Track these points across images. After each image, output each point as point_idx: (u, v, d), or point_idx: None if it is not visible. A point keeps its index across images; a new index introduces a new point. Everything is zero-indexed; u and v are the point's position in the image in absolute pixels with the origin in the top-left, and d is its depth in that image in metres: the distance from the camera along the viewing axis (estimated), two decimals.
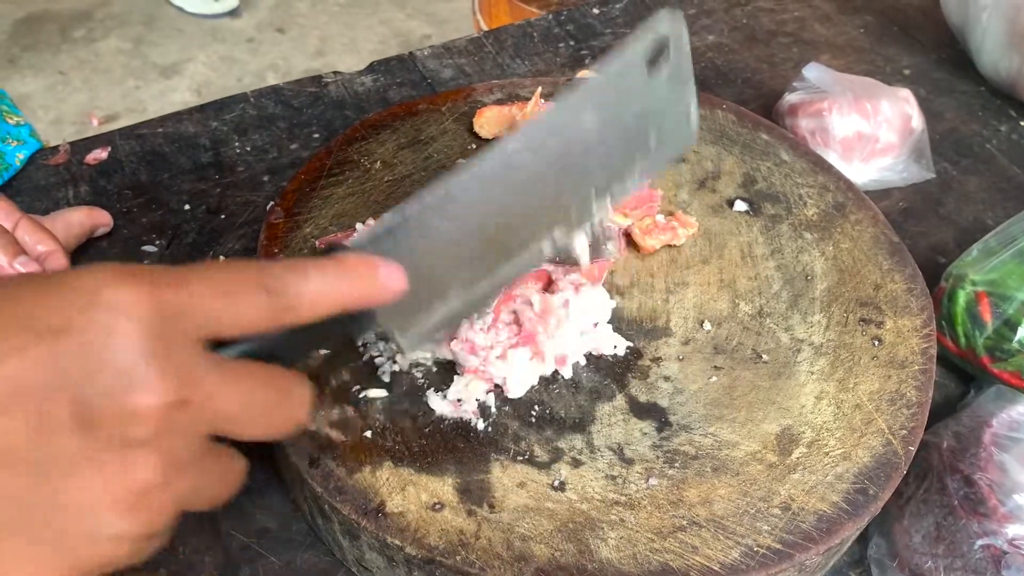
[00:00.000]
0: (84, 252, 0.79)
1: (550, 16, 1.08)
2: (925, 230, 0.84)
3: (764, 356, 0.62)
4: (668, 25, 0.49)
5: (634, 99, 0.50)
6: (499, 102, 0.81)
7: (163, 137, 0.90)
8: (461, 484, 0.55)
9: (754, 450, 0.57)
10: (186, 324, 0.35)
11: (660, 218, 0.70)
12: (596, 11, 1.08)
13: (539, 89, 0.75)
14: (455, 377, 0.59)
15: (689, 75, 0.53)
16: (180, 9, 2.52)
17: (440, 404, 0.58)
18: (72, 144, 0.89)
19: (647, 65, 0.50)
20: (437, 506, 0.54)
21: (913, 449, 0.57)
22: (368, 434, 0.57)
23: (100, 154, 0.88)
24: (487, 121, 0.76)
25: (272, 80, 2.46)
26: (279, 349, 0.41)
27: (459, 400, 0.58)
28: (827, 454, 0.57)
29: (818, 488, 0.55)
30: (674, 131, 0.54)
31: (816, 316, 0.65)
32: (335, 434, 0.57)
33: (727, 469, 0.56)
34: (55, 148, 0.89)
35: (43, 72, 2.30)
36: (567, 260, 0.63)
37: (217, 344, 0.39)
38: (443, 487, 0.55)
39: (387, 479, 0.55)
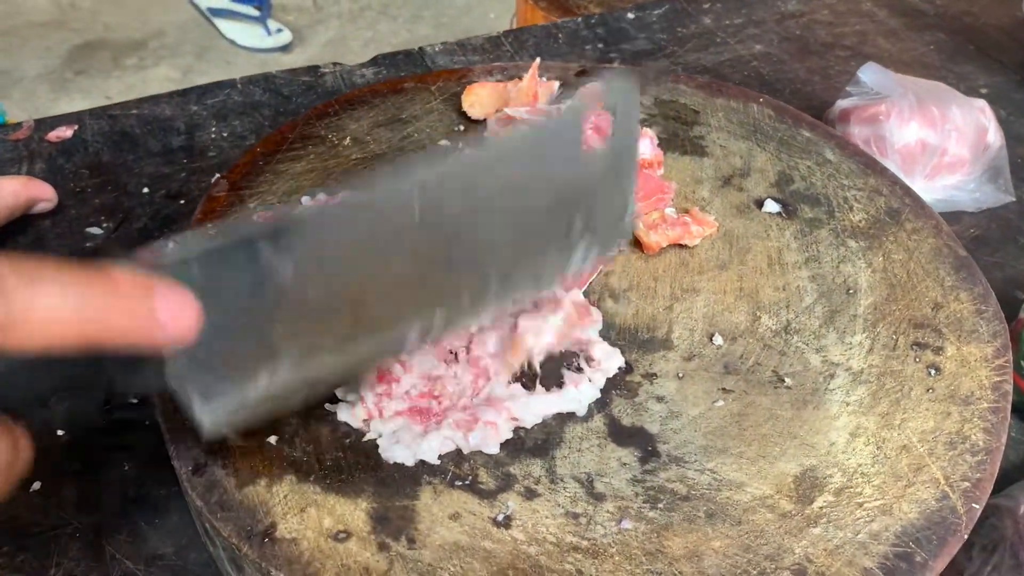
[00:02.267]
0: (22, 231, 0.70)
1: (579, 20, 0.98)
2: (1001, 261, 0.70)
3: (787, 380, 0.49)
4: (618, 91, 0.39)
5: (562, 172, 0.39)
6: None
7: (136, 119, 0.82)
8: (378, 510, 0.43)
9: (764, 494, 0.43)
10: None
11: (671, 212, 0.58)
12: (631, 16, 0.98)
13: (537, 60, 0.64)
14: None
15: (633, 157, 0.42)
16: (232, 42, 2.51)
17: (347, 414, 0.46)
18: (37, 121, 0.81)
19: (582, 135, 0.38)
20: (341, 535, 0.41)
21: (978, 508, 0.43)
22: (272, 440, 0.46)
23: (64, 132, 0.79)
24: (478, 99, 0.66)
25: None
26: (9, 376, 0.30)
27: (366, 420, 0.46)
28: (861, 505, 0.43)
29: (845, 548, 0.41)
30: (605, 224, 0.43)
31: (857, 336, 0.51)
32: (231, 435, 0.46)
33: (726, 516, 0.43)
34: (18, 124, 0.81)
35: (91, 96, 2.29)
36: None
37: None
38: (354, 512, 0.42)
39: (285, 496, 0.43)
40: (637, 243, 0.57)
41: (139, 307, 0.31)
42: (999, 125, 0.75)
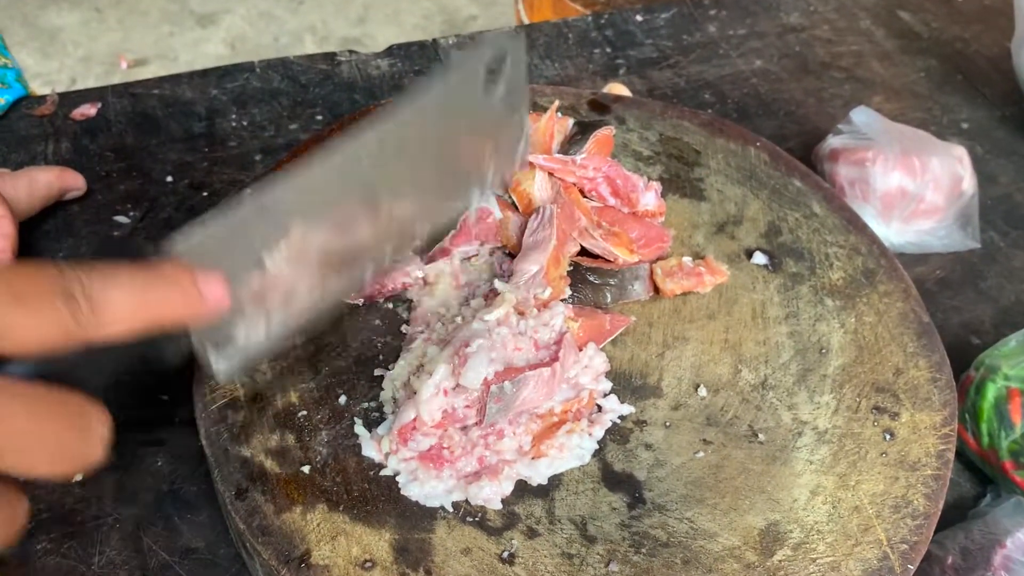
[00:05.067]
0: (52, 216, 0.73)
1: (589, 18, 1.01)
2: (960, 305, 0.76)
3: (760, 435, 0.56)
4: (509, 43, 0.49)
5: (472, 113, 0.50)
6: None
7: (158, 99, 0.84)
8: (399, 541, 0.49)
9: (733, 545, 0.50)
10: None
11: (687, 260, 0.63)
12: (639, 18, 1.01)
13: (556, 103, 0.68)
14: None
15: (524, 94, 0.52)
16: None
17: (371, 448, 0.52)
18: (61, 96, 0.84)
19: (484, 80, 0.49)
20: (368, 564, 0.48)
21: (912, 568, 0.50)
22: (306, 469, 0.51)
23: (88, 110, 0.82)
24: None
25: (309, 42, 2.40)
26: (75, 371, 0.35)
27: (387, 453, 0.52)
28: (814, 560, 0.50)
29: None
30: (506, 148, 0.54)
31: (825, 396, 0.58)
32: (270, 464, 0.52)
33: (699, 563, 0.50)
34: (42, 98, 0.83)
35: (80, 6, 2.25)
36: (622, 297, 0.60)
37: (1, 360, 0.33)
38: (378, 542, 0.49)
39: (318, 524, 0.49)
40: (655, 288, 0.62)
41: (188, 292, 0.37)
42: (974, 169, 0.80)
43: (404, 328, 0.59)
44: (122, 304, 0.34)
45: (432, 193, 0.51)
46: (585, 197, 0.65)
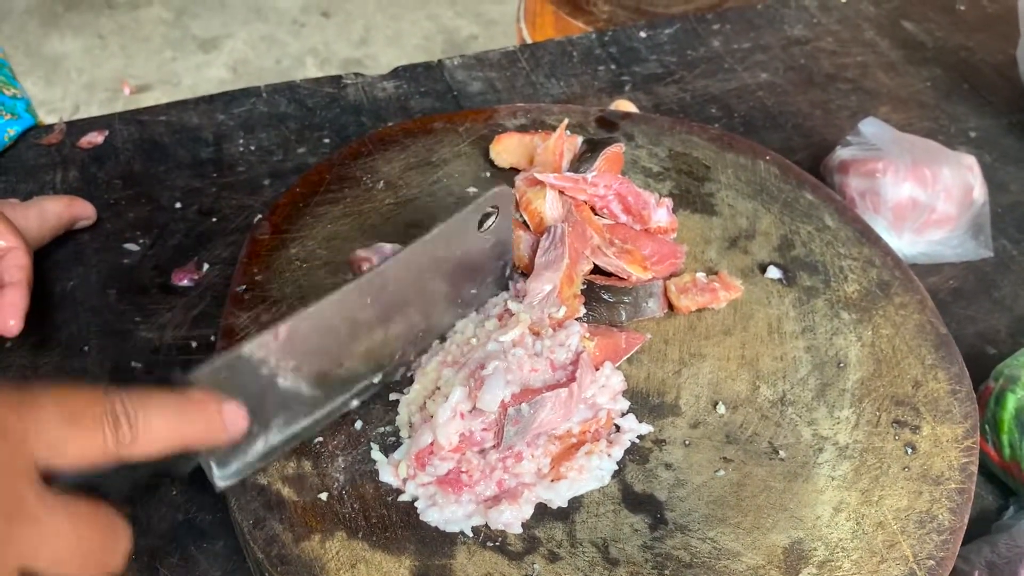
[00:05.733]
0: (63, 245, 0.73)
1: (593, 35, 1.01)
2: (975, 314, 0.76)
3: (781, 452, 0.55)
4: (501, 196, 0.56)
5: (459, 256, 0.56)
6: (522, 128, 0.74)
7: (165, 126, 0.84)
8: (419, 568, 0.48)
9: (757, 564, 0.50)
10: (26, 451, 0.34)
11: (701, 276, 0.63)
12: (643, 34, 1.01)
13: (565, 121, 0.68)
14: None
15: (508, 241, 0.59)
16: None
17: (388, 474, 0.52)
18: (68, 124, 0.84)
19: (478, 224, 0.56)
20: None
21: None
22: (324, 496, 0.51)
23: (96, 138, 0.82)
24: (504, 149, 0.69)
25: (311, 65, 2.41)
26: (107, 482, 0.39)
27: (405, 479, 0.52)
28: None
29: None
30: (487, 289, 0.60)
31: (845, 411, 0.57)
32: (287, 492, 0.51)
33: None
34: (50, 127, 0.84)
35: (83, 34, 2.26)
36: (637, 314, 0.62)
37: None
38: (399, 569, 0.48)
39: (337, 552, 0.49)
40: (670, 305, 0.62)
41: (213, 419, 0.41)
42: (983, 178, 0.80)
43: None
44: (158, 428, 0.38)
45: (422, 322, 0.57)
46: (597, 215, 0.64)
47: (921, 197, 0.76)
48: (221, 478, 0.48)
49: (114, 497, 0.39)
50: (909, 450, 0.55)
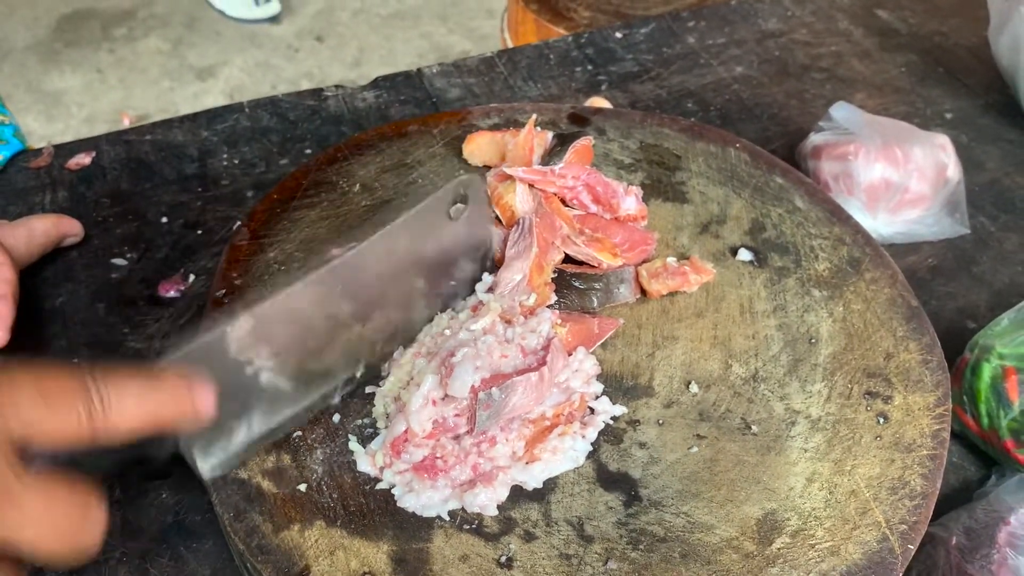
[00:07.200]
0: (51, 262, 0.75)
1: (570, 38, 1.02)
2: (954, 291, 0.76)
3: (754, 427, 0.56)
4: (472, 183, 0.57)
5: (432, 247, 0.57)
6: (495, 127, 0.75)
7: (150, 145, 0.86)
8: (397, 552, 0.49)
9: (731, 536, 0.50)
10: (1, 428, 0.34)
11: (672, 261, 0.64)
12: (618, 35, 1.02)
13: (534, 116, 0.70)
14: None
15: (486, 230, 0.61)
16: (221, 12, 2.52)
17: (365, 463, 0.53)
18: (56, 147, 0.86)
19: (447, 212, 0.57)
20: None
21: (913, 548, 0.50)
22: (303, 487, 0.52)
23: (83, 159, 0.84)
24: (477, 148, 0.71)
25: (306, 88, 2.43)
26: (83, 461, 0.40)
27: (382, 467, 0.53)
28: (813, 547, 0.50)
29: None
30: (464, 280, 0.61)
31: (817, 385, 0.58)
32: (267, 485, 0.52)
33: (698, 556, 0.50)
34: (38, 151, 0.86)
35: (81, 68, 2.30)
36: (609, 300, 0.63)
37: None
38: (377, 554, 0.49)
39: (316, 540, 0.50)
40: (641, 290, 0.63)
41: (185, 399, 0.41)
42: (958, 156, 0.81)
43: None
44: (129, 407, 0.39)
45: (401, 317, 0.57)
46: (567, 206, 0.66)
47: (893, 177, 0.77)
48: (205, 468, 0.49)
49: (90, 475, 0.39)
50: (881, 420, 0.56)
